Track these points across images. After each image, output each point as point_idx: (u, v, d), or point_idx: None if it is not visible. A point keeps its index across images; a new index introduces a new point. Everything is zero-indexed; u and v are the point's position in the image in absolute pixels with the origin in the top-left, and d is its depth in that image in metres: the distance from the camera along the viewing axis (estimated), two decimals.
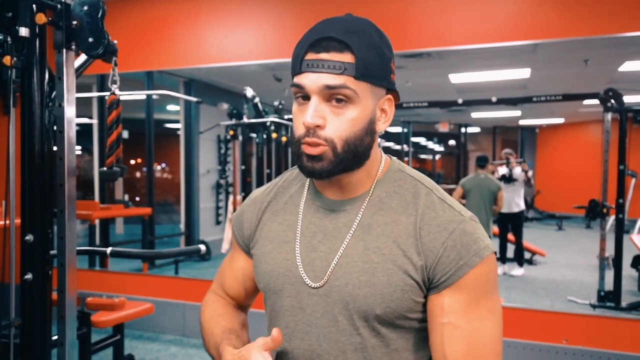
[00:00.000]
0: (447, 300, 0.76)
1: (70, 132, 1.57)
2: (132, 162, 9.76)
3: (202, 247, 1.83)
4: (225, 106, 5.82)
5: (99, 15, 1.54)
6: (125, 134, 7.09)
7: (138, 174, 9.61)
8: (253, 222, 0.93)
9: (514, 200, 5.48)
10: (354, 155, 0.78)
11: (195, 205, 6.53)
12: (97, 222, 4.70)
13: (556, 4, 3.08)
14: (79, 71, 1.95)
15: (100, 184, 5.50)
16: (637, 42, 3.31)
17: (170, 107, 7.67)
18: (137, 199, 9.26)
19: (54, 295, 1.59)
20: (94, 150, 5.62)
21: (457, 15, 3.26)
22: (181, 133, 6.54)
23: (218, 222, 7.01)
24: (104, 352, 2.89)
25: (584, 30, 3.02)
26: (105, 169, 1.51)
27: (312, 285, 0.81)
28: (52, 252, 1.61)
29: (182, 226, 6.46)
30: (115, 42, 1.70)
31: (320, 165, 0.77)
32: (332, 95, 0.75)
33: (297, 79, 0.77)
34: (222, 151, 7.02)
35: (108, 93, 1.69)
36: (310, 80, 0.75)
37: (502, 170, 5.68)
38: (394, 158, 0.90)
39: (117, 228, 7.71)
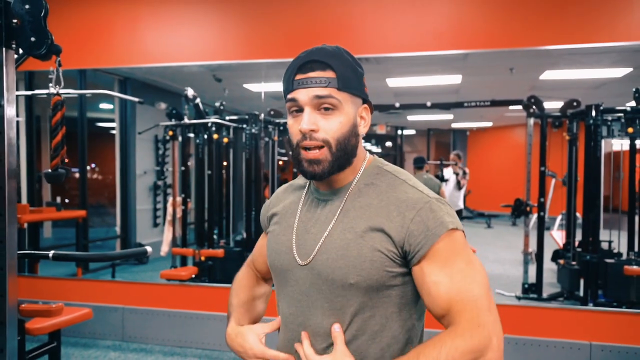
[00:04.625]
0: (425, 266, 0.89)
1: (11, 132, 1.53)
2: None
3: (149, 249, 1.82)
4: (163, 106, 5.70)
5: (42, 15, 1.51)
6: None
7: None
8: (271, 210, 1.13)
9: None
10: (344, 153, 0.95)
11: (132, 208, 6.34)
12: (25, 226, 4.46)
13: (484, 18, 3.30)
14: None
15: (28, 186, 5.22)
16: (555, 54, 3.60)
17: (103, 106, 7.39)
18: (67, 201, 8.82)
19: None
20: (20, 150, 5.33)
21: (395, 25, 3.41)
22: (116, 133, 6.33)
23: (156, 225, 6.84)
24: None
25: (509, 42, 3.27)
26: (50, 170, 1.49)
27: (301, 263, 0.98)
28: None
29: (117, 229, 6.25)
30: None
31: (320, 168, 0.94)
32: (321, 105, 0.93)
33: (291, 95, 0.95)
34: (161, 152, 6.85)
35: (44, 91, 1.65)
36: (302, 94, 0.93)
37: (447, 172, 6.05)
38: (376, 156, 1.07)
39: (45, 232, 7.33)
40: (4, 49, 1.50)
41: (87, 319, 2.88)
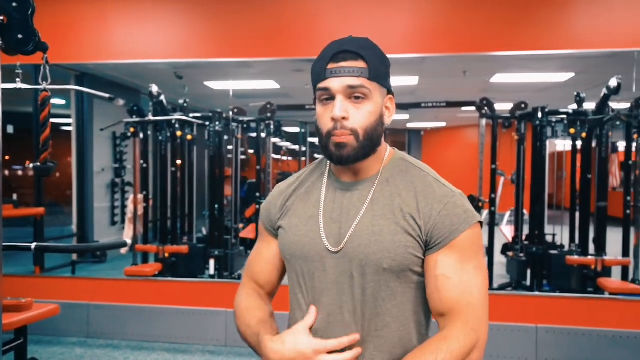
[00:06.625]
0: (441, 257, 0.95)
1: None
2: (7, 157, 8.94)
3: (128, 241, 1.89)
4: (121, 102, 5.63)
5: (29, 13, 1.56)
6: (10, 129, 6.55)
7: (7, 172, 8.82)
8: (279, 206, 1.10)
9: None
10: (371, 141, 0.98)
11: (89, 206, 6.22)
12: None
13: (440, 25, 3.51)
14: None
15: None
16: (504, 59, 3.86)
17: (54, 101, 7.19)
18: (15, 197, 8.50)
19: None
20: None
21: (357, 28, 3.56)
22: (73, 129, 6.19)
23: (114, 223, 6.73)
24: (4, 357, 2.76)
25: (463, 48, 3.49)
26: (39, 164, 1.53)
27: (333, 250, 0.99)
28: None
29: (74, 227, 6.12)
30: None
31: (346, 152, 0.96)
32: (353, 94, 0.96)
33: (323, 84, 0.97)
34: (119, 149, 6.75)
35: (33, 87, 1.69)
36: (334, 83, 0.96)
37: None
38: (396, 149, 1.10)
39: None
40: None
41: (54, 315, 2.86)
